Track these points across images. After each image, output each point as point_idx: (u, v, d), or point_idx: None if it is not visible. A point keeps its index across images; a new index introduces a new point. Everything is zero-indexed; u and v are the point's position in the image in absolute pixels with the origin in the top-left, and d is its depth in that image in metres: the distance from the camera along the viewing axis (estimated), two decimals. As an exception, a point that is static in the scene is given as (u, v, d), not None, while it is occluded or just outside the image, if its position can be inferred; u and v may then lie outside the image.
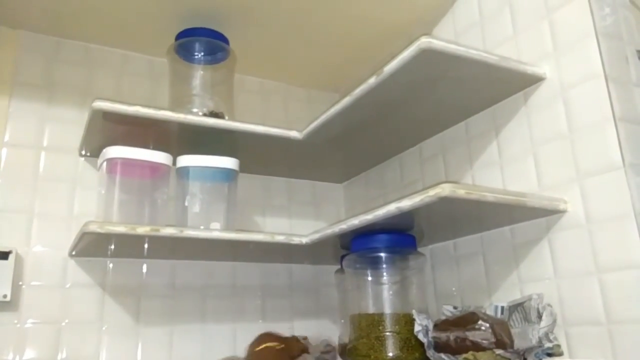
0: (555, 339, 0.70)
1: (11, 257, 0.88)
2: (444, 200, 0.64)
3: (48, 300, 0.91)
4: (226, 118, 0.97)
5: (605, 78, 0.70)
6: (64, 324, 0.90)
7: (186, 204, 0.88)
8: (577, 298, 0.70)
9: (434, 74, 0.77)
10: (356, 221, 0.77)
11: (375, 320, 0.80)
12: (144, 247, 0.90)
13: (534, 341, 0.69)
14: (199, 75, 0.99)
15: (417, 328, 0.75)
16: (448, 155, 0.96)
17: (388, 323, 0.78)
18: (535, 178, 0.78)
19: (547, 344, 0.69)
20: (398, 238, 0.82)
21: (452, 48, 0.70)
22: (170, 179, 0.90)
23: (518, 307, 0.74)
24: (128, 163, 0.85)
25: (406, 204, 0.68)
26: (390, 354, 0.76)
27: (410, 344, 0.76)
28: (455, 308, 0.82)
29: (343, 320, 0.98)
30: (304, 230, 0.99)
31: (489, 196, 0.66)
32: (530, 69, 0.77)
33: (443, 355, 0.71)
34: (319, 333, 1.12)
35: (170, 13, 0.97)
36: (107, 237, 0.80)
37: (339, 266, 1.02)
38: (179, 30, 0.99)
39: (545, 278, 0.75)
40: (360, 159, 1.15)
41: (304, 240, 0.89)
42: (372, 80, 0.77)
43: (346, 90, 0.83)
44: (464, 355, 0.68)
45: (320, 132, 0.94)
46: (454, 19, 0.98)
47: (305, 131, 0.95)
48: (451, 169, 0.95)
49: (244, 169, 0.98)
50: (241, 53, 1.06)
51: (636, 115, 0.71)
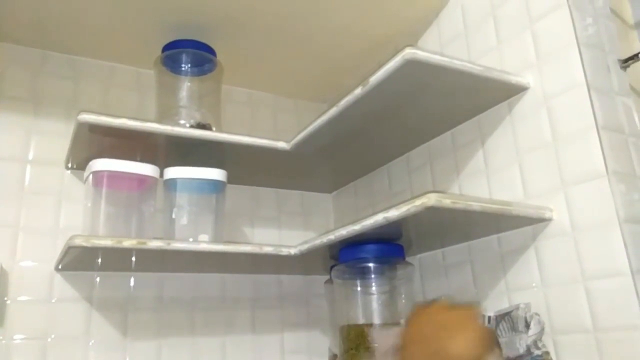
0: (544, 346, 0.70)
1: (-4, 272, 0.87)
2: (430, 210, 0.65)
3: (34, 316, 0.89)
4: (213, 129, 0.97)
5: (587, 87, 0.71)
6: (50, 340, 0.89)
7: (173, 216, 0.88)
8: (564, 306, 0.71)
9: (419, 84, 0.77)
10: (344, 232, 0.77)
11: (364, 331, 0.79)
12: (131, 260, 0.90)
13: (522, 350, 0.69)
14: (186, 86, 0.99)
15: None
16: (435, 164, 0.97)
17: (377, 333, 0.78)
18: (521, 187, 0.79)
19: (536, 352, 0.69)
20: (386, 248, 0.82)
21: (436, 59, 0.70)
22: (157, 191, 0.89)
23: (505, 317, 0.74)
24: (114, 175, 0.84)
25: (393, 214, 0.68)
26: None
27: (400, 354, 0.76)
28: None
29: (333, 332, 0.98)
30: (293, 240, 0.99)
31: (475, 205, 0.66)
32: (514, 79, 0.78)
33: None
34: (309, 344, 1.12)
35: (156, 25, 0.97)
36: (94, 251, 0.80)
37: (328, 276, 1.01)
38: (165, 42, 0.99)
39: (533, 286, 0.75)
40: (349, 169, 1.15)
41: (293, 251, 0.89)
42: (358, 91, 0.78)
43: (333, 100, 0.84)
44: None
45: (308, 143, 0.94)
46: (439, 29, 0.99)
47: (293, 142, 0.95)
48: (438, 178, 0.96)
49: (232, 179, 0.98)
50: (228, 64, 1.06)
51: (618, 124, 0.72)
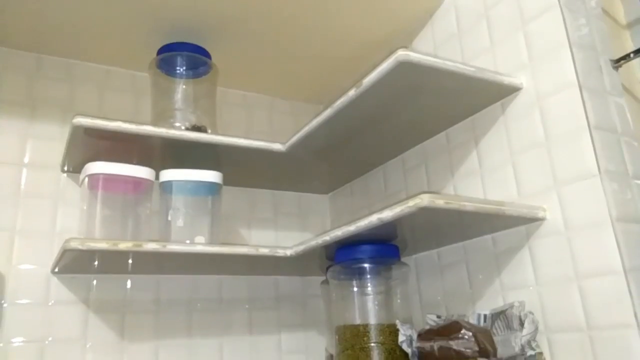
0: (538, 346, 0.71)
1: (-8, 276, 0.87)
2: (423, 211, 0.65)
3: (31, 319, 0.90)
4: (209, 132, 0.97)
5: (579, 87, 0.71)
6: (47, 342, 0.89)
7: (169, 219, 0.88)
8: (558, 304, 0.71)
9: (413, 85, 0.78)
10: (339, 232, 0.77)
11: (360, 331, 0.80)
12: (127, 263, 0.90)
13: (517, 349, 0.69)
14: (181, 89, 0.99)
15: (401, 338, 0.75)
16: (430, 165, 0.97)
17: (373, 334, 0.78)
18: (514, 186, 0.79)
19: (530, 352, 0.69)
20: (381, 248, 0.83)
21: (429, 60, 0.71)
22: (153, 194, 0.89)
23: (500, 315, 0.74)
24: (110, 178, 0.84)
25: (387, 214, 0.68)
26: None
27: (395, 355, 0.77)
28: (439, 317, 0.83)
29: (329, 331, 0.98)
30: (290, 242, 1.00)
31: (468, 205, 0.67)
32: (507, 80, 0.78)
33: (427, 365, 0.71)
34: (306, 345, 1.12)
35: (151, 28, 0.98)
36: (90, 254, 0.80)
37: (324, 277, 1.02)
38: (160, 45, 0.99)
39: (527, 285, 0.76)
40: (345, 170, 1.16)
41: (289, 252, 0.89)
42: (352, 92, 0.78)
43: (329, 102, 0.84)
44: None
45: (303, 144, 0.95)
46: (432, 31, 0.99)
47: (288, 143, 0.95)
48: (433, 178, 0.96)
49: (228, 181, 0.98)
50: (223, 66, 1.06)
51: (610, 123, 0.73)
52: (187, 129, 0.94)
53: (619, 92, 0.77)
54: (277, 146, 0.97)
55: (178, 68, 0.99)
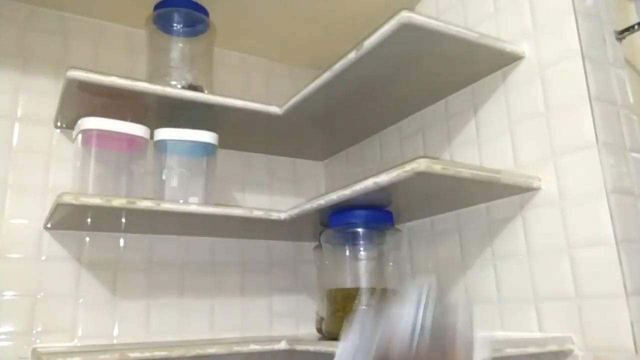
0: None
1: (-16, 229, 0.86)
2: (420, 176, 0.65)
3: (23, 273, 0.90)
4: (205, 92, 0.96)
5: (582, 57, 0.71)
6: (39, 297, 0.90)
7: (164, 178, 0.87)
8: (548, 273, 0.72)
9: (414, 50, 0.76)
10: (334, 196, 0.77)
11: (351, 294, 0.80)
12: (121, 221, 0.90)
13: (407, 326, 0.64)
14: (177, 47, 0.97)
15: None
16: (427, 133, 0.97)
17: (364, 297, 0.79)
18: (511, 156, 0.79)
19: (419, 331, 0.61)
20: (375, 214, 0.83)
21: (432, 23, 0.70)
22: (147, 153, 0.89)
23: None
24: (104, 135, 0.83)
25: (383, 179, 0.68)
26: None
27: (385, 318, 0.77)
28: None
29: (320, 295, 0.99)
30: (284, 207, 0.99)
31: (464, 172, 0.67)
32: (509, 47, 0.77)
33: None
34: (297, 308, 1.13)
35: (148, -18, 0.95)
36: (83, 209, 0.79)
37: (317, 243, 1.02)
38: (157, 0, 0.97)
39: (518, 254, 0.76)
40: (341, 137, 1.15)
41: (283, 215, 0.89)
42: (352, 55, 0.77)
43: (328, 66, 0.83)
44: None
45: (300, 108, 0.94)
46: (436, -4, 0.97)
47: (286, 106, 0.94)
48: (430, 147, 0.96)
49: (223, 144, 0.97)
50: (222, 26, 1.04)
51: (611, 95, 0.72)
52: (183, 87, 0.93)
53: (621, 64, 0.76)
54: (274, 109, 0.96)
55: (175, 25, 0.97)
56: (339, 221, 0.84)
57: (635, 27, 0.76)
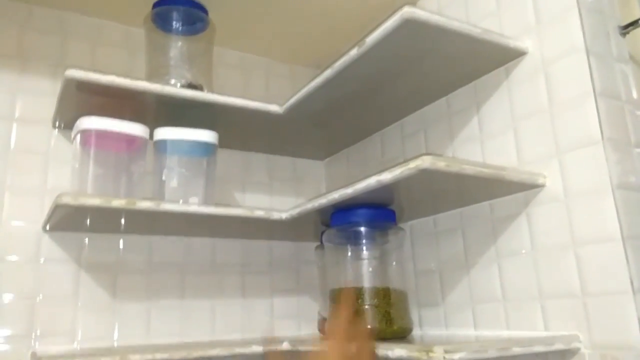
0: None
1: (-18, 231, 0.85)
2: (424, 173, 0.64)
3: (22, 276, 0.88)
4: (205, 91, 0.95)
5: (586, 52, 0.70)
6: (38, 300, 0.89)
7: (163, 178, 0.86)
8: (554, 271, 0.71)
9: (417, 46, 0.76)
10: (336, 195, 0.76)
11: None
12: (120, 222, 0.89)
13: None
14: (176, 46, 0.96)
15: None
16: (429, 131, 0.96)
17: (367, 296, 0.78)
18: (515, 153, 0.78)
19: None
20: (378, 212, 0.82)
21: (436, 19, 0.69)
22: (147, 153, 0.88)
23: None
24: (103, 135, 0.82)
25: (386, 176, 0.67)
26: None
27: (389, 317, 0.77)
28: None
29: (322, 295, 0.98)
30: (284, 207, 0.99)
31: (469, 169, 0.66)
32: (513, 43, 0.76)
33: None
34: (298, 309, 1.12)
35: (146, -19, 0.94)
36: (82, 211, 0.78)
37: (319, 243, 1.01)
38: (156, -1, 0.96)
39: (523, 252, 0.76)
40: (342, 136, 1.14)
41: (284, 215, 0.89)
42: (354, 52, 0.76)
43: (327, 65, 0.82)
44: None
45: (301, 107, 0.93)
46: (437, -8, 0.96)
47: (286, 105, 0.93)
48: (432, 145, 0.95)
49: (223, 144, 0.96)
50: (221, 25, 1.03)
51: (616, 90, 0.72)
52: (183, 86, 0.92)
53: (624, 60, 0.76)
54: (274, 108, 0.95)
55: (174, 23, 0.96)
56: (341, 220, 0.83)
57: (639, 22, 0.75)
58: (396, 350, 0.61)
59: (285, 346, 0.82)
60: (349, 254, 0.85)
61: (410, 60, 0.80)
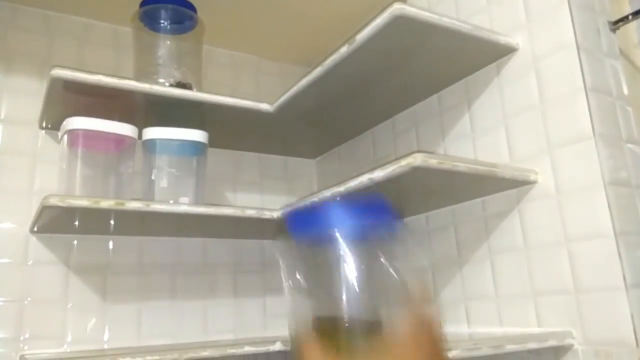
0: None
1: (-32, 234, 0.84)
2: (416, 170, 0.64)
3: (10, 278, 0.87)
4: (194, 89, 0.94)
5: (577, 48, 0.70)
6: (27, 302, 0.87)
7: (153, 178, 0.85)
8: (546, 268, 0.71)
9: (407, 43, 0.75)
10: (328, 193, 0.75)
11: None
12: (109, 223, 0.88)
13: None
14: (165, 44, 0.95)
15: None
16: (421, 128, 0.96)
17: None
18: (506, 150, 0.78)
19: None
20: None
21: (426, 15, 0.68)
22: (136, 153, 0.87)
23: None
24: (91, 135, 0.81)
25: (378, 174, 0.67)
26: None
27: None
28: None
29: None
30: (276, 206, 0.98)
31: (461, 166, 0.65)
32: (504, 39, 0.76)
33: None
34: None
35: (134, -21, 0.93)
36: (70, 212, 0.77)
37: (311, 241, 1.01)
38: (143, -2, 0.95)
39: (515, 249, 0.75)
40: (333, 134, 1.13)
41: (275, 214, 0.88)
42: (344, 49, 0.75)
43: (317, 63, 0.81)
44: None
45: (292, 105, 0.92)
46: (427, -11, 0.96)
47: (277, 103, 0.93)
48: (424, 142, 0.95)
49: (213, 143, 0.95)
50: (210, 23, 1.02)
51: (606, 86, 0.72)
52: (172, 85, 0.91)
53: (615, 55, 0.76)
54: (265, 106, 0.94)
55: (162, 22, 0.95)
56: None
57: (630, 18, 0.75)
58: (390, 350, 0.60)
59: (277, 346, 0.81)
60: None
61: (401, 57, 0.79)
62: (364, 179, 0.69)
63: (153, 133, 0.86)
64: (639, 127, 0.74)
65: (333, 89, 0.88)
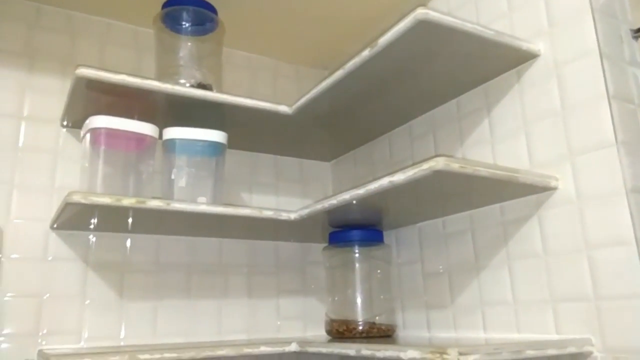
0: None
1: (-10, 229, 0.85)
2: (437, 174, 0.64)
3: (29, 274, 0.88)
4: (214, 91, 0.95)
5: (600, 55, 0.70)
6: (45, 298, 0.88)
7: (172, 177, 0.86)
8: (566, 274, 0.71)
9: (429, 47, 0.75)
10: (347, 196, 0.76)
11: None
12: (128, 221, 0.88)
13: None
14: (186, 46, 0.96)
15: None
16: (438, 133, 0.96)
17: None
18: (526, 156, 0.78)
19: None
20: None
21: (449, 20, 0.69)
22: (156, 152, 0.87)
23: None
24: (113, 134, 0.82)
25: (399, 177, 0.67)
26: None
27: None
28: None
29: (331, 298, 0.97)
30: (291, 208, 0.98)
31: (482, 171, 0.66)
32: (525, 45, 0.76)
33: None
34: (305, 310, 1.12)
35: (156, -20, 0.94)
36: (91, 209, 0.78)
37: (325, 244, 1.01)
38: (165, -1, 0.96)
39: (534, 255, 0.75)
40: (349, 137, 1.14)
41: (292, 215, 0.88)
42: (366, 53, 0.76)
43: (336, 67, 0.82)
44: None
45: (310, 108, 0.93)
46: (447, -5, 0.96)
47: (295, 106, 0.93)
48: (441, 147, 0.95)
49: (230, 144, 0.96)
50: (229, 25, 1.03)
51: (629, 93, 0.71)
52: (192, 86, 0.92)
53: (637, 63, 0.75)
54: (284, 108, 0.95)
55: (184, 23, 0.96)
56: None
57: (652, 26, 0.75)
58: (409, 352, 0.60)
59: (293, 347, 0.82)
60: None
61: (421, 62, 0.80)
62: (384, 182, 0.69)
63: (174, 133, 0.87)
64: (660, 135, 0.73)
65: (351, 92, 0.89)
